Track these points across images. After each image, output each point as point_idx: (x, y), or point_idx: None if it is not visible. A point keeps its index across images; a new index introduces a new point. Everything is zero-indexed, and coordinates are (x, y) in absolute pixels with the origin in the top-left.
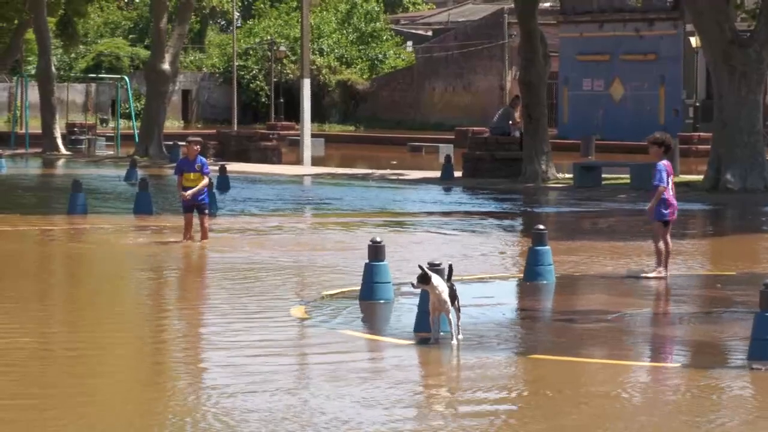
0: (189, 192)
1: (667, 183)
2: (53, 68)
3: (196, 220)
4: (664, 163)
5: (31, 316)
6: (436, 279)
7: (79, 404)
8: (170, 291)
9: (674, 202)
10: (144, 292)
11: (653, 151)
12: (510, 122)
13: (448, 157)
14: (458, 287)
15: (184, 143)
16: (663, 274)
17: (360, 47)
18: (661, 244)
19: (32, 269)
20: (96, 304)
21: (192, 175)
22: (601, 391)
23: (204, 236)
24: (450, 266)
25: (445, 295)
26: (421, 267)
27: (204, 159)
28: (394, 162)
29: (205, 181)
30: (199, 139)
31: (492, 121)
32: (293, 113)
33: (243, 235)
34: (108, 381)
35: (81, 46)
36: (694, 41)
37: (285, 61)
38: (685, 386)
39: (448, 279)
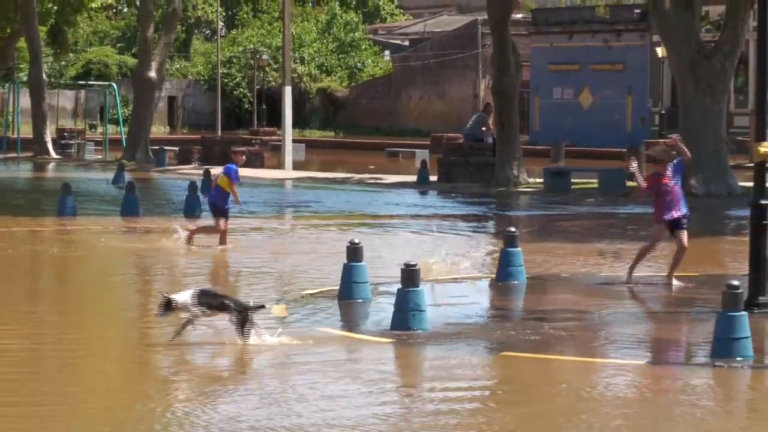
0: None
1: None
2: (44, 75)
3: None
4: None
5: (20, 317)
6: (180, 297)
7: (62, 410)
8: (156, 290)
9: None
10: (129, 293)
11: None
12: (483, 129)
13: (424, 162)
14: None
15: (234, 151)
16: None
17: (339, 56)
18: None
19: (22, 270)
20: (84, 306)
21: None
22: (565, 386)
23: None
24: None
25: (191, 305)
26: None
27: None
28: (372, 167)
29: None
30: (244, 149)
31: (466, 127)
32: (275, 119)
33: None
34: (92, 380)
35: (71, 54)
36: (660, 51)
37: (267, 69)
38: (650, 383)
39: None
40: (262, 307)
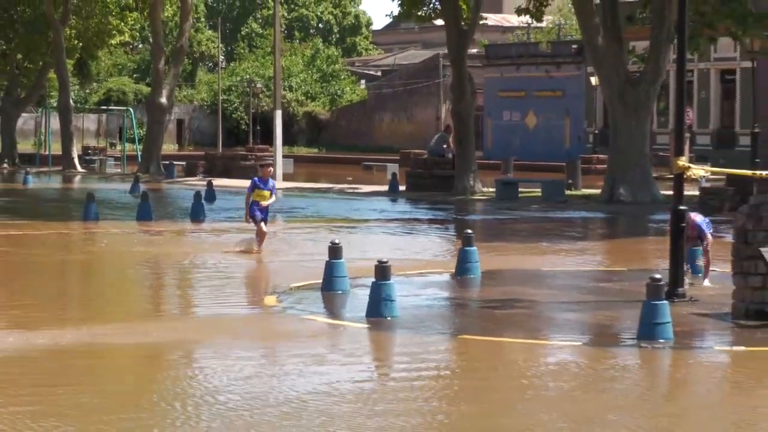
0: (264, 203)
1: None
2: (71, 101)
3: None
4: None
5: (51, 312)
6: None
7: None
8: (168, 284)
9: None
10: (145, 285)
11: None
12: (445, 146)
13: (394, 174)
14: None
15: (261, 165)
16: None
17: (322, 84)
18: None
19: (52, 268)
20: (104, 297)
21: (265, 192)
22: (513, 363)
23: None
24: None
25: None
26: None
27: (274, 182)
28: (350, 178)
29: (273, 198)
30: (271, 162)
31: (430, 145)
32: (268, 138)
33: (227, 235)
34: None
35: (94, 84)
36: (593, 80)
37: (261, 95)
38: (585, 361)
39: None
40: None
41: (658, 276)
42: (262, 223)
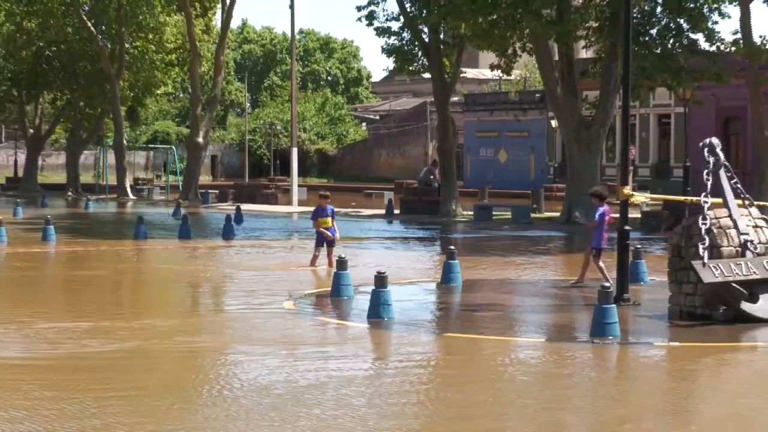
0: (329, 234)
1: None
2: (124, 141)
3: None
4: (604, 208)
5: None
6: None
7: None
8: (203, 289)
9: (606, 236)
10: (186, 290)
11: (594, 200)
12: (432, 177)
13: (390, 201)
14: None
15: (321, 196)
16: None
17: (330, 126)
18: (601, 263)
19: (109, 277)
20: (152, 301)
21: (327, 219)
22: (487, 357)
23: (330, 263)
24: None
25: None
26: None
27: (332, 207)
28: (354, 203)
29: (336, 229)
30: (328, 193)
31: (419, 176)
32: (286, 171)
33: (252, 250)
34: (162, 351)
35: (143, 126)
36: (554, 123)
37: (280, 135)
38: (547, 354)
39: None
40: None
41: (607, 284)
42: (332, 248)
